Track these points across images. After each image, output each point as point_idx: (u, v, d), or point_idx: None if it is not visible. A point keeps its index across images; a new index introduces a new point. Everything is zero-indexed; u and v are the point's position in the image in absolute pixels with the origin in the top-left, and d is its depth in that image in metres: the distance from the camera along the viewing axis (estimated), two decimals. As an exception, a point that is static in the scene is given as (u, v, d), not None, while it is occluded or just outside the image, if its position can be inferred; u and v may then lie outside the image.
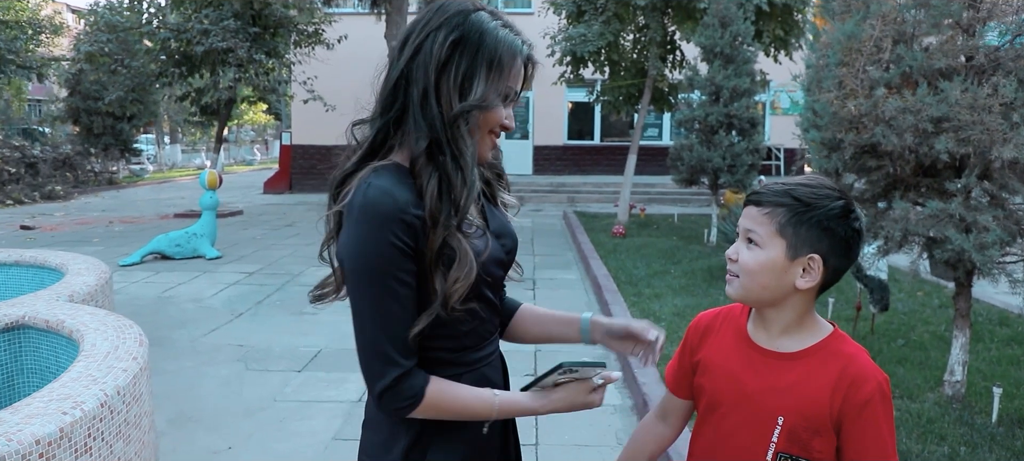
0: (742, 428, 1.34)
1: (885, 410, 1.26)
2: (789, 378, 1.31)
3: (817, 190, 1.29)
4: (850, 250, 1.29)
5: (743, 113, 8.77)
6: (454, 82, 1.29)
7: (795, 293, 1.30)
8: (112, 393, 2.90)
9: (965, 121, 3.37)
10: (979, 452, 3.35)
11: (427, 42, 1.30)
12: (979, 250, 3.43)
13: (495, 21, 1.32)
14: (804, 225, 1.27)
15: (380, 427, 1.37)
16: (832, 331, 1.34)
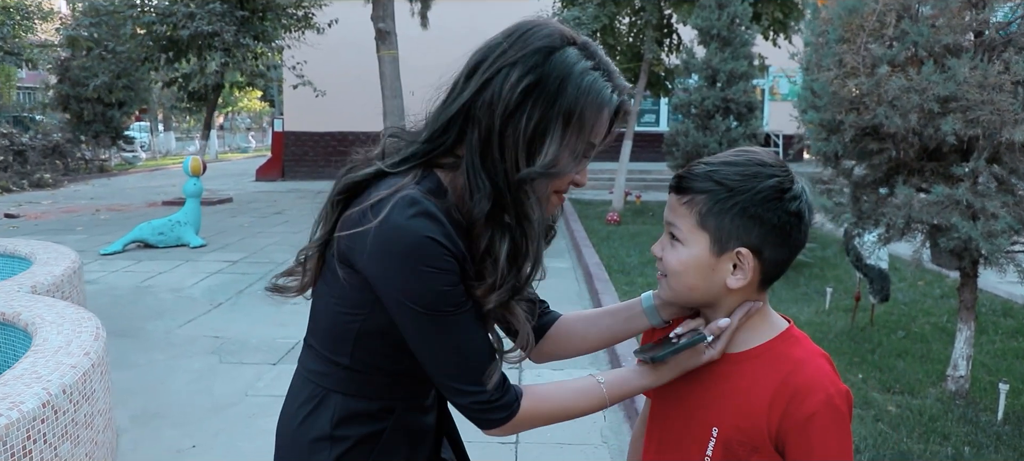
0: (682, 440, 1.16)
1: (836, 428, 1.04)
2: (726, 385, 1.12)
3: (744, 169, 1.08)
4: (789, 237, 1.08)
5: (740, 97, 8.56)
6: (522, 136, 1.08)
7: (730, 293, 1.10)
8: (57, 392, 2.70)
9: (974, 101, 3.16)
10: (985, 453, 3.17)
11: (498, 78, 1.08)
12: (987, 239, 3.23)
13: (585, 62, 1.09)
14: (727, 214, 1.07)
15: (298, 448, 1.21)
16: (784, 330, 1.14)
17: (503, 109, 1.07)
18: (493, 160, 1.09)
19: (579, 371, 4.18)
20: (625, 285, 6.34)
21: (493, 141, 1.08)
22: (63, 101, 19.85)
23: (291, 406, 1.27)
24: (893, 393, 3.89)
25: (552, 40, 1.09)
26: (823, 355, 1.11)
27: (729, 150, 1.15)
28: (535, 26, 1.11)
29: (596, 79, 1.09)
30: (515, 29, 1.12)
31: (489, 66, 1.09)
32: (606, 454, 3.39)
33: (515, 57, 1.08)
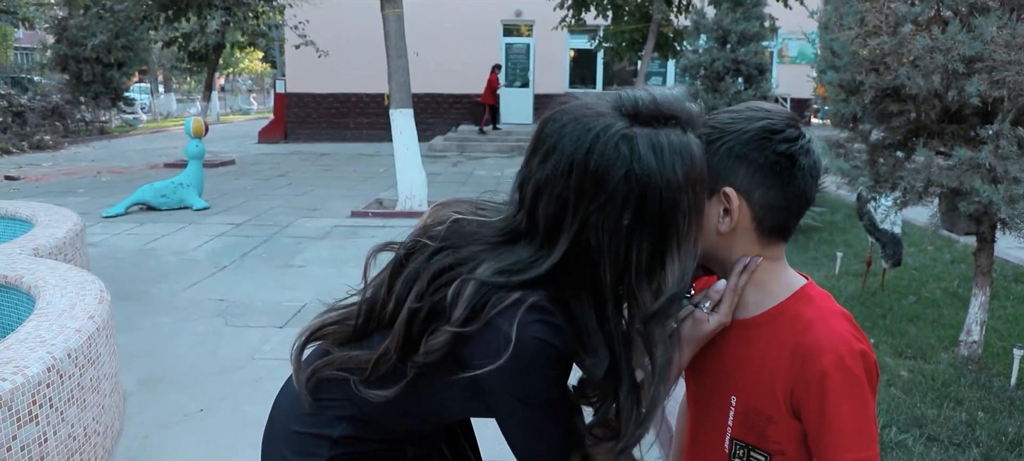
0: (706, 410, 1.13)
1: (848, 388, 0.97)
2: (741, 352, 1.08)
3: (736, 113, 1.05)
4: (779, 179, 1.02)
5: (751, 59, 8.38)
6: (639, 276, 0.96)
7: (723, 239, 1.05)
8: (62, 356, 2.66)
9: (1000, 61, 3.06)
10: (999, 418, 3.13)
11: (588, 231, 0.95)
12: (1009, 203, 3.15)
13: (657, 136, 0.94)
14: (715, 155, 1.03)
15: None
16: (799, 288, 1.07)
17: (612, 261, 0.95)
18: (609, 317, 0.98)
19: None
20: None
21: (606, 296, 0.97)
22: (61, 61, 19.65)
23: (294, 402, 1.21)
24: (905, 358, 3.85)
25: (623, 159, 0.92)
26: (840, 314, 1.04)
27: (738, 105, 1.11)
28: (591, 146, 0.93)
29: (680, 149, 0.95)
30: (570, 160, 0.94)
31: (572, 221, 0.95)
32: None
33: (598, 202, 0.93)
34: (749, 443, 1.06)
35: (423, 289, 1.01)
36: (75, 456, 2.71)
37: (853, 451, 0.96)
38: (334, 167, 13.18)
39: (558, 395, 1.03)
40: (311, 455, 1.16)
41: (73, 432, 2.69)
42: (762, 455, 1.05)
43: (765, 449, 1.05)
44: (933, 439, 2.97)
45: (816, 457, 1.00)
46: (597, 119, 0.96)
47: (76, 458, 2.71)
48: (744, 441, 1.07)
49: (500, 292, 0.98)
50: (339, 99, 18.72)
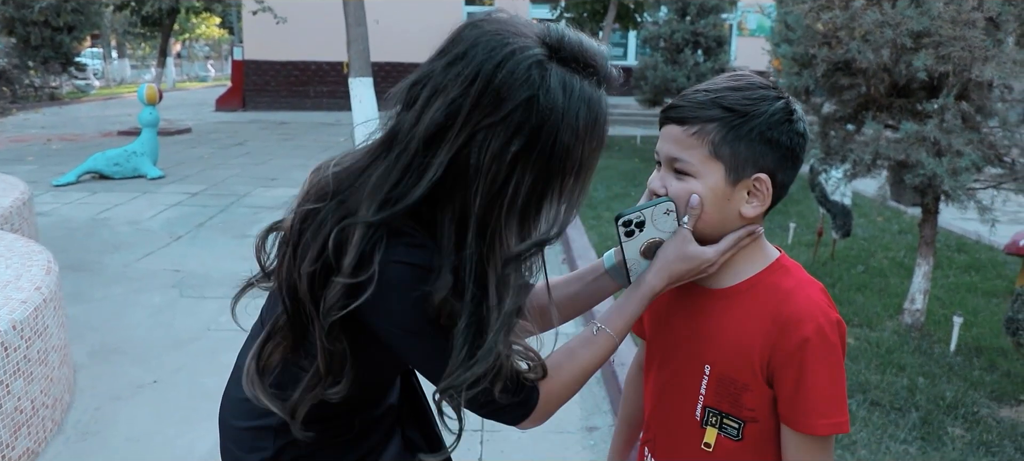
0: (676, 378, 1.13)
1: (826, 357, 1.00)
2: (717, 321, 1.08)
3: (750, 93, 1.02)
4: (797, 159, 1.05)
5: (710, 31, 8.47)
6: (511, 210, 0.91)
7: (741, 222, 1.05)
8: (7, 328, 2.60)
9: (946, 36, 3.14)
10: (938, 383, 3.26)
11: (472, 148, 0.89)
12: (952, 175, 3.26)
13: (572, 77, 0.91)
14: (743, 141, 1.01)
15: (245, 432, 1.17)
16: (775, 260, 1.09)
17: (487, 185, 0.90)
18: (467, 243, 0.93)
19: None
20: (592, 220, 6.34)
21: (470, 222, 0.92)
22: (8, 24, 18.84)
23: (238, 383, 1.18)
24: (852, 326, 3.97)
25: (532, 84, 0.89)
26: (815, 285, 1.07)
27: (722, 76, 1.09)
28: (503, 60, 0.89)
29: (589, 99, 0.92)
30: (476, 70, 0.89)
31: (458, 132, 0.90)
32: (572, 387, 3.42)
33: (491, 119, 0.89)
34: (722, 410, 1.07)
35: (317, 252, 0.96)
36: (23, 429, 2.67)
37: (828, 416, 1.00)
38: (293, 136, 12.97)
39: (443, 309, 0.96)
40: (259, 450, 1.14)
41: (20, 405, 2.64)
42: (735, 422, 1.07)
43: (739, 416, 1.06)
44: (876, 404, 3.08)
45: (788, 422, 1.03)
46: (517, 38, 0.92)
47: (24, 431, 2.67)
48: (718, 408, 1.08)
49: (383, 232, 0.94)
50: (298, 67, 18.36)
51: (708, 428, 1.09)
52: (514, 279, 0.96)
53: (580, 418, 3.13)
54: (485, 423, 3.06)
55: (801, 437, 1.02)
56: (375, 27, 9.91)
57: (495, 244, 0.93)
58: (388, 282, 0.94)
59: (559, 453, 2.87)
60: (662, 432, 1.19)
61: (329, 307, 0.94)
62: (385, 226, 0.94)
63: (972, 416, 2.98)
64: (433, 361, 1.01)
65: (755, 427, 1.06)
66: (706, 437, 1.09)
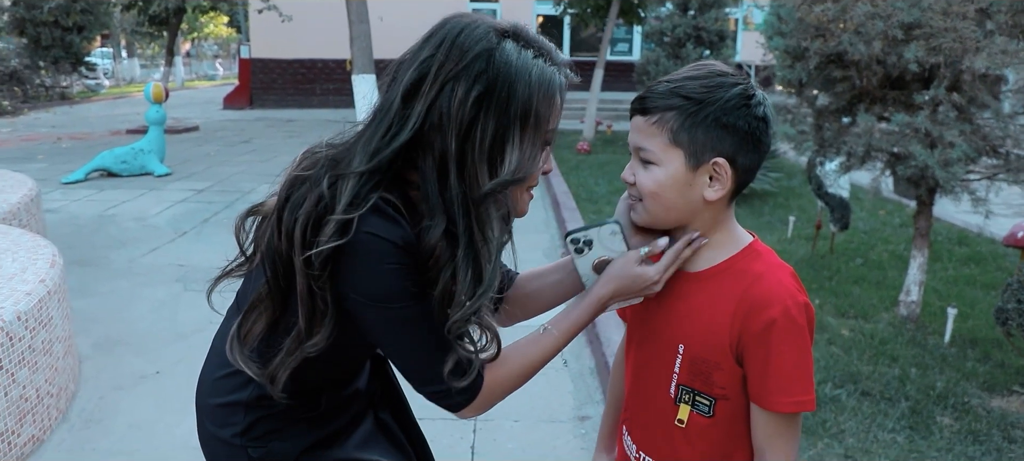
0: (652, 358, 1.19)
1: (793, 340, 1.05)
2: (690, 303, 1.13)
3: (707, 81, 1.07)
4: (759, 142, 1.08)
5: (712, 25, 8.46)
6: (481, 151, 1.04)
7: (706, 207, 1.10)
8: (11, 319, 2.67)
9: (937, 28, 3.16)
10: (929, 373, 3.28)
11: (442, 97, 1.02)
12: (943, 167, 3.28)
13: (526, 51, 1.05)
14: (699, 127, 1.05)
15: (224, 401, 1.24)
16: (747, 245, 1.14)
17: (457, 128, 1.02)
18: (450, 184, 1.04)
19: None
20: (592, 213, 6.37)
21: (449, 164, 1.04)
22: (19, 25, 19.04)
23: (211, 363, 1.28)
24: (847, 318, 4.00)
25: (488, 40, 1.04)
26: (785, 269, 1.11)
27: (686, 66, 1.13)
28: (465, 27, 1.05)
29: (542, 68, 1.05)
30: (444, 35, 1.05)
31: (431, 85, 1.03)
32: (567, 376, 3.46)
33: (456, 69, 1.03)
34: (695, 388, 1.12)
35: (311, 206, 1.04)
36: (28, 416, 2.74)
37: (794, 394, 1.05)
38: (299, 133, 13.05)
39: (407, 291, 1.05)
40: (230, 425, 1.21)
41: (25, 393, 2.71)
42: (707, 399, 1.11)
43: (710, 394, 1.11)
44: (866, 394, 3.11)
45: (756, 400, 1.08)
46: (481, 20, 1.07)
47: (29, 418, 2.74)
48: (690, 386, 1.12)
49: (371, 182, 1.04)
50: (305, 65, 18.46)
51: (681, 405, 1.14)
52: (495, 213, 1.06)
53: (572, 408, 3.17)
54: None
55: (768, 415, 1.08)
56: (379, 24, 9.96)
57: (473, 184, 1.04)
58: (356, 250, 1.02)
59: (551, 442, 2.91)
60: (638, 409, 1.23)
61: (321, 248, 1.01)
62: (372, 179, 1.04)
63: (962, 406, 3.00)
64: (388, 334, 1.08)
65: (726, 404, 1.11)
66: (679, 413, 1.14)
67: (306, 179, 1.07)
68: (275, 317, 1.11)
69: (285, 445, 1.21)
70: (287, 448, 1.21)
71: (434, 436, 2.83)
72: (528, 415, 3.09)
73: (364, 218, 1.02)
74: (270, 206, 1.13)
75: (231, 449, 1.21)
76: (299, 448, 1.22)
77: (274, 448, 1.20)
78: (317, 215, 1.03)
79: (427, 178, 1.05)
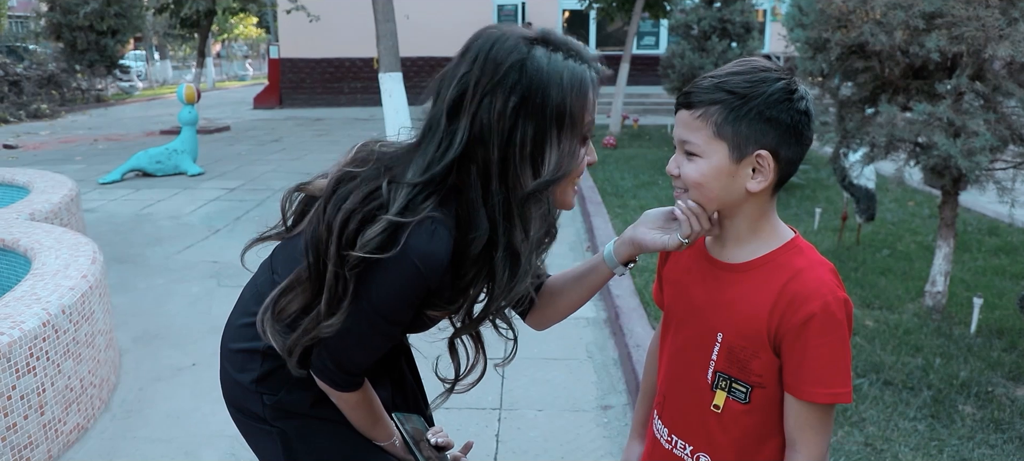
0: (690, 344, 1.23)
1: (832, 334, 1.09)
2: (731, 293, 1.18)
3: (751, 76, 1.10)
4: (801, 136, 1.12)
5: (737, 17, 8.42)
6: (522, 156, 1.11)
7: (749, 198, 1.14)
8: (57, 312, 2.81)
9: (959, 17, 3.14)
10: (954, 363, 3.28)
11: (482, 110, 1.10)
12: (966, 156, 3.26)
13: (555, 54, 1.12)
14: (743, 120, 1.09)
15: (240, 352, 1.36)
16: (789, 240, 1.17)
17: (500, 139, 1.10)
18: (492, 191, 1.12)
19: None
20: (618, 208, 6.41)
21: (493, 172, 1.11)
22: (55, 30, 19.51)
23: (236, 314, 1.39)
24: (872, 309, 3.99)
25: (519, 51, 1.10)
26: (826, 265, 1.15)
27: (731, 63, 1.17)
28: (496, 40, 1.12)
29: (573, 69, 1.11)
30: (477, 50, 1.12)
31: (471, 99, 1.10)
32: (590, 368, 3.51)
33: (492, 82, 1.09)
34: (732, 376, 1.17)
35: (357, 202, 1.13)
36: (73, 406, 2.87)
37: (830, 386, 1.09)
38: (328, 132, 13.24)
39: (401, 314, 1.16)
40: (248, 370, 1.32)
41: (70, 383, 2.84)
42: (744, 386, 1.16)
43: (747, 381, 1.16)
44: (888, 383, 3.12)
45: (792, 391, 1.12)
46: (510, 31, 1.14)
47: (74, 408, 2.87)
48: (727, 373, 1.17)
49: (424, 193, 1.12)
50: (333, 64, 18.68)
51: (718, 391, 1.19)
52: (536, 212, 1.15)
53: (595, 398, 3.23)
54: (503, 401, 3.18)
55: (803, 404, 1.12)
56: (405, 22, 10.07)
57: (516, 187, 1.12)
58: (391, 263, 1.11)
59: (574, 431, 2.97)
60: (672, 394, 1.28)
61: (367, 240, 1.09)
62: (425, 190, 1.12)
63: (986, 395, 3.00)
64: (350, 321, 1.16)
65: (762, 392, 1.16)
66: (715, 399, 1.19)
67: (356, 176, 1.16)
68: (310, 300, 1.19)
69: (294, 396, 1.31)
70: (296, 399, 1.31)
71: (461, 425, 2.94)
72: (552, 405, 3.15)
73: (413, 232, 1.09)
74: (317, 186, 1.25)
75: (247, 393, 1.33)
76: (309, 400, 1.32)
77: (284, 398, 1.31)
78: (367, 212, 1.11)
79: (472, 187, 1.12)
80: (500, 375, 3.40)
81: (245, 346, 1.33)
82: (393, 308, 1.15)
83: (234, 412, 1.39)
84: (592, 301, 4.30)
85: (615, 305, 3.91)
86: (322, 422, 1.33)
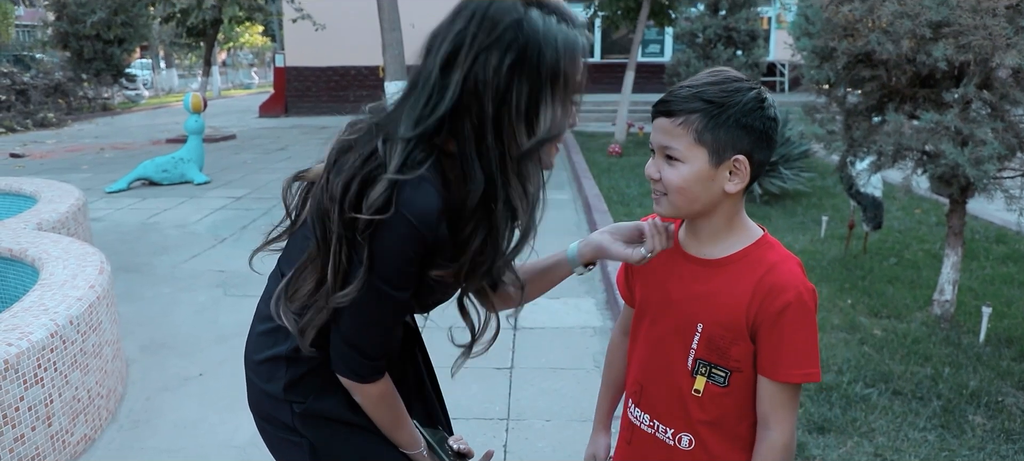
0: (669, 335, 1.32)
1: (803, 319, 1.20)
2: (710, 286, 1.27)
3: (726, 86, 1.19)
4: (771, 140, 1.22)
5: (742, 25, 8.42)
6: (518, 114, 1.13)
7: (725, 198, 1.23)
8: (64, 323, 2.81)
9: (966, 25, 3.14)
10: (963, 372, 3.26)
11: (477, 66, 1.11)
12: (974, 164, 3.25)
13: (549, 17, 1.14)
14: (722, 127, 1.18)
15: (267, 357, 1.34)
16: (760, 237, 1.28)
17: (494, 93, 1.11)
18: (488, 146, 1.13)
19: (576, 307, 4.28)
20: (623, 216, 6.40)
21: (487, 127, 1.13)
22: (62, 39, 19.68)
23: (256, 325, 1.37)
24: (880, 317, 3.98)
25: (516, 11, 1.12)
26: (794, 259, 1.26)
27: (701, 72, 1.25)
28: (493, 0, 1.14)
29: (566, 32, 1.14)
30: (474, 8, 1.13)
31: (466, 55, 1.12)
32: (597, 377, 3.49)
33: (488, 41, 1.11)
34: (712, 362, 1.26)
35: (357, 166, 1.14)
36: (80, 417, 2.87)
37: (804, 367, 1.21)
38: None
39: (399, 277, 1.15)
40: (275, 379, 1.31)
41: (77, 394, 2.84)
42: (723, 371, 1.26)
43: (726, 366, 1.25)
44: (897, 393, 3.10)
45: (767, 373, 1.22)
46: None
47: (81, 419, 2.87)
48: (708, 360, 1.26)
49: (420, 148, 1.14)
50: (338, 72, 18.75)
51: (698, 376, 1.28)
52: (531, 169, 1.18)
53: (603, 407, 3.21)
54: (510, 411, 3.17)
55: (777, 385, 1.23)
56: (410, 31, 10.10)
57: (511, 144, 1.14)
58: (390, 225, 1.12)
59: (581, 441, 2.93)
60: (651, 382, 1.36)
61: (372, 201, 1.11)
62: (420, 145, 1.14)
63: (995, 404, 2.98)
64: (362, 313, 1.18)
65: (739, 376, 1.26)
66: (696, 384, 1.28)
67: (353, 145, 1.18)
68: (322, 275, 1.20)
69: (324, 402, 1.31)
70: (325, 406, 1.31)
71: (468, 435, 2.89)
72: (559, 414, 3.15)
73: (401, 189, 1.10)
74: (315, 172, 1.26)
75: (277, 403, 1.32)
76: (338, 405, 1.31)
77: (312, 405, 1.30)
78: (366, 173, 1.13)
79: (466, 141, 1.14)
80: (507, 385, 3.39)
81: (268, 355, 1.32)
82: (396, 270, 1.14)
83: (261, 424, 1.38)
84: (598, 310, 4.30)
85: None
86: (351, 431, 1.32)
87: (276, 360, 1.31)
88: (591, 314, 4.25)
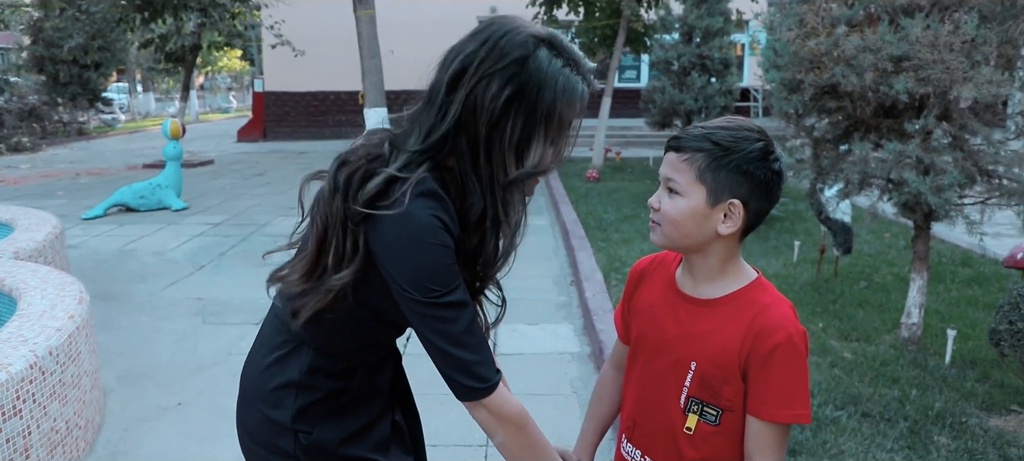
0: (663, 372, 1.35)
1: (793, 361, 1.23)
2: (704, 325, 1.30)
3: (736, 133, 1.25)
4: (771, 192, 1.26)
5: (716, 54, 8.62)
6: (509, 143, 1.20)
7: (718, 239, 1.27)
8: (44, 354, 2.81)
9: (925, 60, 3.27)
10: (929, 394, 3.36)
11: (479, 89, 1.18)
12: (936, 192, 3.38)
13: (557, 60, 1.20)
14: (723, 170, 1.23)
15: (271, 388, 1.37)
16: (754, 279, 1.32)
17: (488, 118, 1.17)
18: (480, 166, 1.20)
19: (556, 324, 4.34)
20: (601, 241, 6.48)
21: (480, 148, 1.19)
22: (38, 63, 19.53)
23: (260, 351, 1.40)
24: (850, 341, 4.08)
25: (526, 47, 1.18)
26: (786, 302, 1.30)
27: (720, 118, 1.32)
28: (508, 31, 1.19)
29: (568, 77, 1.20)
30: (488, 35, 1.20)
31: (471, 77, 1.18)
32: (576, 403, 3.56)
33: (493, 67, 1.17)
34: (704, 400, 1.29)
35: (361, 162, 1.22)
36: (57, 449, 2.86)
37: (792, 408, 1.23)
38: (313, 165, 12.94)
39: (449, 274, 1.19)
40: (283, 407, 1.34)
41: (55, 426, 2.84)
42: (714, 410, 1.29)
43: (718, 405, 1.28)
44: (866, 415, 3.19)
45: (755, 413, 1.24)
46: (523, 26, 1.23)
47: (58, 451, 2.87)
48: (700, 398, 1.29)
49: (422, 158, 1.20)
50: (317, 97, 18.78)
51: (690, 414, 1.31)
52: (516, 198, 1.25)
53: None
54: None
55: (764, 425, 1.25)
56: (390, 58, 10.19)
57: (499, 170, 1.21)
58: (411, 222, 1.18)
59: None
60: (644, 418, 1.39)
61: (368, 192, 1.18)
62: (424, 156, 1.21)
63: (960, 425, 3.07)
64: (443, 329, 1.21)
65: (730, 415, 1.28)
66: (688, 422, 1.31)
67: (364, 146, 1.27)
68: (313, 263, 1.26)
69: (328, 432, 1.35)
70: (329, 435, 1.35)
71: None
72: (537, 440, 3.18)
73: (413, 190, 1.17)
74: None
75: (281, 431, 1.35)
76: (339, 436, 1.35)
77: (317, 435, 1.34)
78: (368, 169, 1.21)
79: (464, 157, 1.21)
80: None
81: (279, 382, 1.35)
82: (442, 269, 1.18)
83: (255, 448, 1.39)
84: (576, 336, 4.36)
85: (599, 340, 3.96)
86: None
87: (286, 387, 1.34)
88: (569, 340, 4.30)
